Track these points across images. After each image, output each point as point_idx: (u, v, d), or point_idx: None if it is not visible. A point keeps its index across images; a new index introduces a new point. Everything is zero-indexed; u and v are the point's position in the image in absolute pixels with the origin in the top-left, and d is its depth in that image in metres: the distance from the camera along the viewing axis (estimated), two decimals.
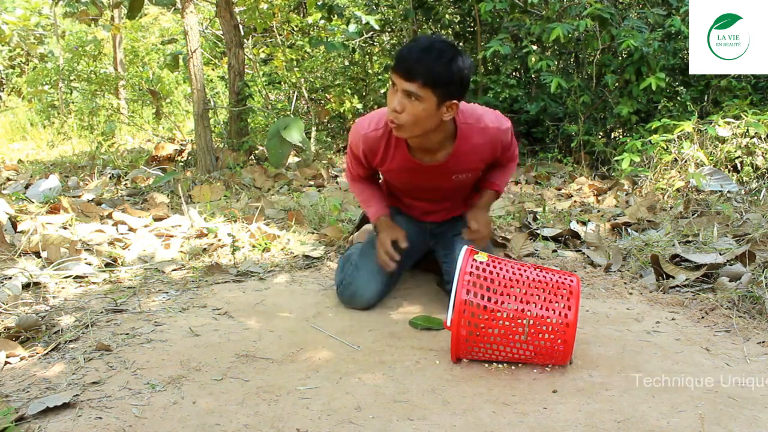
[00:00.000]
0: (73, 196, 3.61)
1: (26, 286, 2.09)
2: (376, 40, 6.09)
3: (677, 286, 2.10)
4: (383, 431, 1.26)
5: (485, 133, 1.80)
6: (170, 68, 5.74)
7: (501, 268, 1.52)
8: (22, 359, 1.57)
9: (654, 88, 3.89)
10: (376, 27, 4.90)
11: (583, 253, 2.52)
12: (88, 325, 1.77)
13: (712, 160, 3.41)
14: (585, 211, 3.27)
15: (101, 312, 1.89)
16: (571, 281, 1.52)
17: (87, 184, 4.14)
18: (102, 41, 7.01)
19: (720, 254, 2.20)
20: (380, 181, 2.17)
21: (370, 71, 6.08)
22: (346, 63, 6.25)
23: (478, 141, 1.80)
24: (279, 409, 1.34)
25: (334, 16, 5.30)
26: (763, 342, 1.67)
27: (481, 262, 1.51)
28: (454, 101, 1.64)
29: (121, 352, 1.61)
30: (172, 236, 2.76)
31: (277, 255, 2.55)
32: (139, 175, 4.32)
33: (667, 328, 1.79)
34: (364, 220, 2.44)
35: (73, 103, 7.18)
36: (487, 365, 1.55)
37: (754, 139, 3.41)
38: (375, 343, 1.70)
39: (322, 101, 6.21)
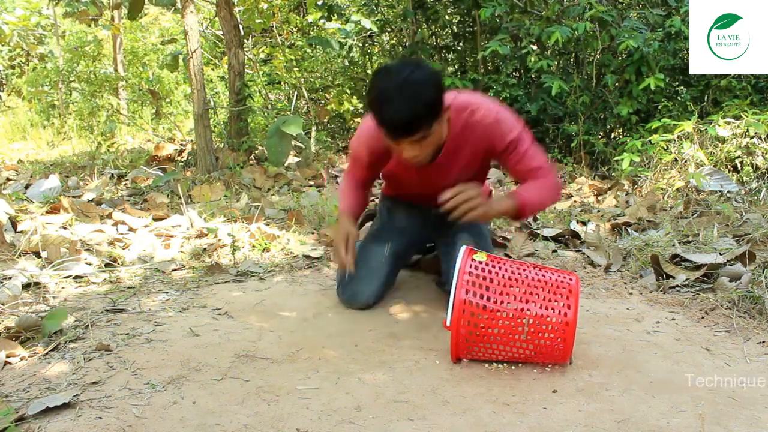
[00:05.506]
0: (73, 196, 3.61)
1: (26, 286, 2.09)
2: (376, 40, 6.09)
3: (677, 286, 2.10)
4: (383, 431, 1.26)
5: (475, 125, 1.73)
6: (170, 68, 5.74)
7: (500, 268, 1.52)
8: (22, 359, 1.57)
9: (653, 87, 3.90)
10: (375, 29, 4.91)
11: (583, 253, 2.52)
12: (88, 325, 1.77)
13: (712, 160, 3.41)
14: (585, 211, 3.27)
15: (101, 312, 1.89)
16: (570, 280, 1.52)
17: (87, 184, 4.14)
18: (102, 41, 7.01)
19: (720, 254, 2.20)
20: (383, 185, 2.16)
21: (369, 71, 6.08)
22: (346, 63, 6.25)
23: (468, 133, 1.75)
24: (279, 409, 1.34)
25: (334, 16, 5.30)
26: (763, 342, 1.67)
27: (480, 262, 1.51)
28: (446, 106, 1.62)
29: (121, 352, 1.61)
30: (172, 236, 2.76)
31: (277, 255, 2.55)
32: (139, 175, 4.32)
33: (667, 328, 1.79)
34: (365, 219, 2.44)
35: (73, 103, 7.19)
36: (487, 365, 1.54)
37: (754, 139, 3.41)
38: (375, 343, 1.70)
39: (322, 101, 6.21)
